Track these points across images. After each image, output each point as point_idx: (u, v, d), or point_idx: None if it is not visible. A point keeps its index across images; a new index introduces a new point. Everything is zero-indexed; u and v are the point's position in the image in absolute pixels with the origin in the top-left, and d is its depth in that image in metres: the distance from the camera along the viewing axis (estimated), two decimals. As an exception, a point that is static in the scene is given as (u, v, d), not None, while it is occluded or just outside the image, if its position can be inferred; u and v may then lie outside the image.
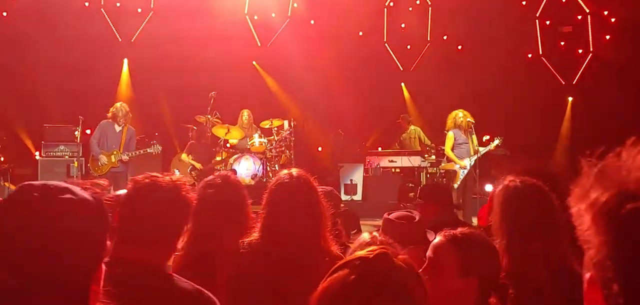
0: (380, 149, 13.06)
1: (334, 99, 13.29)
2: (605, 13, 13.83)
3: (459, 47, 14.14)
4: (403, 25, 14.28)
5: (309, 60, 13.09)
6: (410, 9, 14.11)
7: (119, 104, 9.20)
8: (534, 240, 2.40)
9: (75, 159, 10.15)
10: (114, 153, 8.90)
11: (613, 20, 13.80)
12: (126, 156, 8.89)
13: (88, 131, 9.89)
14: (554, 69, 14.34)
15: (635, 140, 0.92)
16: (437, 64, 13.77)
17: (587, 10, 13.89)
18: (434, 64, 13.84)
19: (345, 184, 11.57)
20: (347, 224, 4.09)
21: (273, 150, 10.56)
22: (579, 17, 14.05)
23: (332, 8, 13.09)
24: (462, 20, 13.42)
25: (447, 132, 9.24)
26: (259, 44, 13.83)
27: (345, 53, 13.40)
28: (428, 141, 11.97)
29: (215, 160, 10.41)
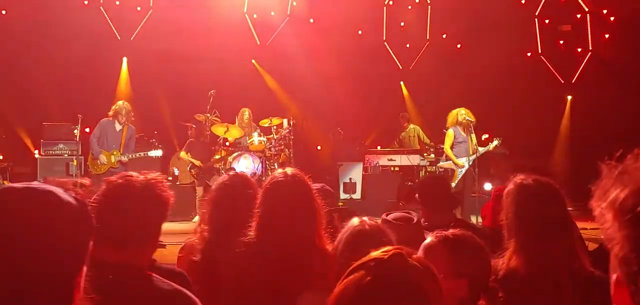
0: (379, 147, 13.08)
1: (333, 97, 13.29)
2: (605, 12, 13.84)
3: (458, 46, 14.14)
4: (402, 23, 14.28)
5: (309, 58, 13.09)
6: (410, 7, 14.10)
7: (121, 102, 9.18)
8: (553, 240, 2.38)
9: (74, 157, 10.12)
10: (114, 153, 8.89)
11: (612, 18, 13.80)
12: (126, 158, 8.89)
13: (87, 129, 9.87)
14: (553, 67, 14.34)
15: None
16: (437, 63, 13.76)
17: (586, 9, 13.89)
18: (433, 62, 13.84)
19: (344, 183, 11.57)
20: (344, 220, 4.07)
21: (272, 148, 10.55)
22: (578, 16, 14.05)
23: (332, 6, 13.07)
24: (461, 19, 13.42)
25: (447, 130, 9.20)
26: (258, 43, 13.80)
27: (344, 51, 13.40)
28: (427, 140, 11.98)
29: (214, 158, 10.41)
